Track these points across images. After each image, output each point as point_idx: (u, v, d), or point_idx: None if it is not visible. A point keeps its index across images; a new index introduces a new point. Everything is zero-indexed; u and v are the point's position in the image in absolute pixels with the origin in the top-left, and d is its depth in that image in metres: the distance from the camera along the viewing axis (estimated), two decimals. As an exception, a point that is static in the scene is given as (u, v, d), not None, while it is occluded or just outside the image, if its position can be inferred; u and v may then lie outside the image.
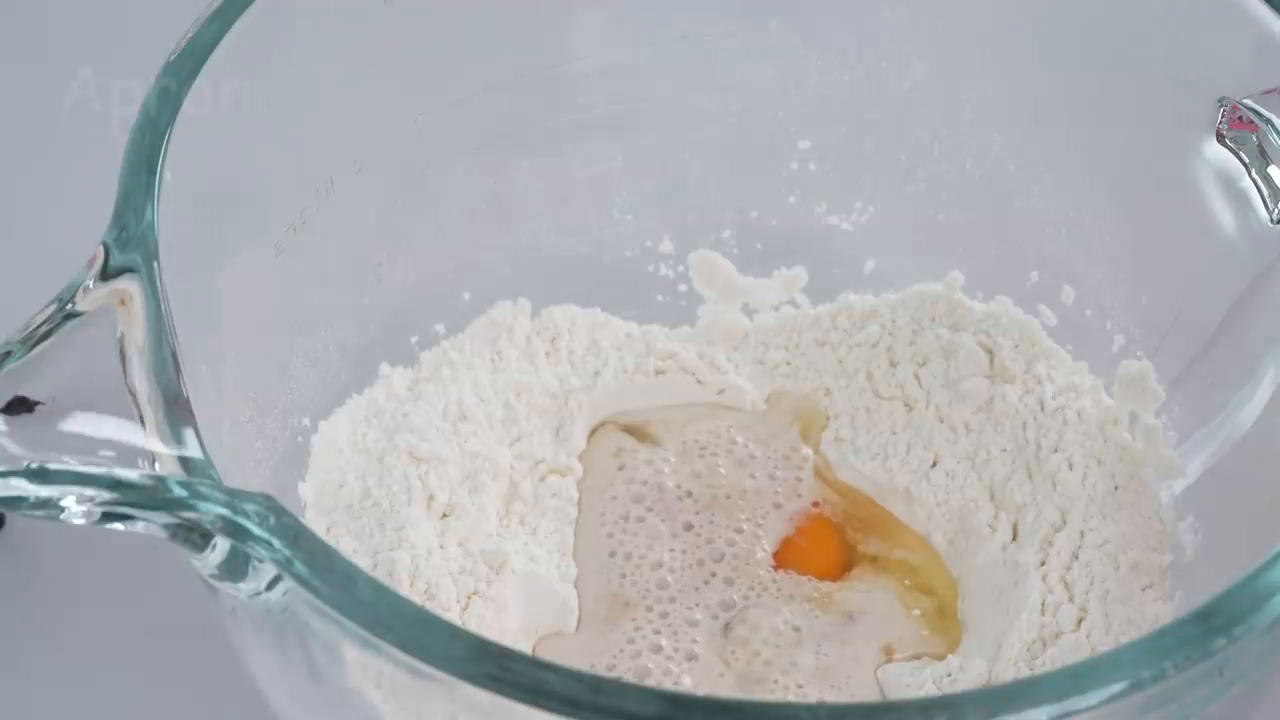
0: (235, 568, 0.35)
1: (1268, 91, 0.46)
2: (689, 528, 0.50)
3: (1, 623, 0.51)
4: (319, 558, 0.33)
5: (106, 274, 0.37)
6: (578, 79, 0.53)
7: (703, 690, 0.46)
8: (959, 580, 0.50)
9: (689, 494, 0.51)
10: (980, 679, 0.46)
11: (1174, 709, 0.33)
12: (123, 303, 0.36)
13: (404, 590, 0.46)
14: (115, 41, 0.62)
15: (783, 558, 0.50)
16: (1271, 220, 0.46)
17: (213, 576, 0.35)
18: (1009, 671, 0.46)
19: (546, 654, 0.47)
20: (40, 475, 0.33)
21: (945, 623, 0.49)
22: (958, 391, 0.53)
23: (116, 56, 0.58)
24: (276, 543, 0.33)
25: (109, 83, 0.60)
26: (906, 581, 0.50)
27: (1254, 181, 0.46)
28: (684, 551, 0.50)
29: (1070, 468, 0.50)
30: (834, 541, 0.51)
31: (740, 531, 0.50)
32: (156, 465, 0.35)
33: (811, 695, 0.46)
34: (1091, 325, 0.53)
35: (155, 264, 0.37)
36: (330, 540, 0.47)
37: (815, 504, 0.51)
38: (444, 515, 0.49)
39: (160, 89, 0.40)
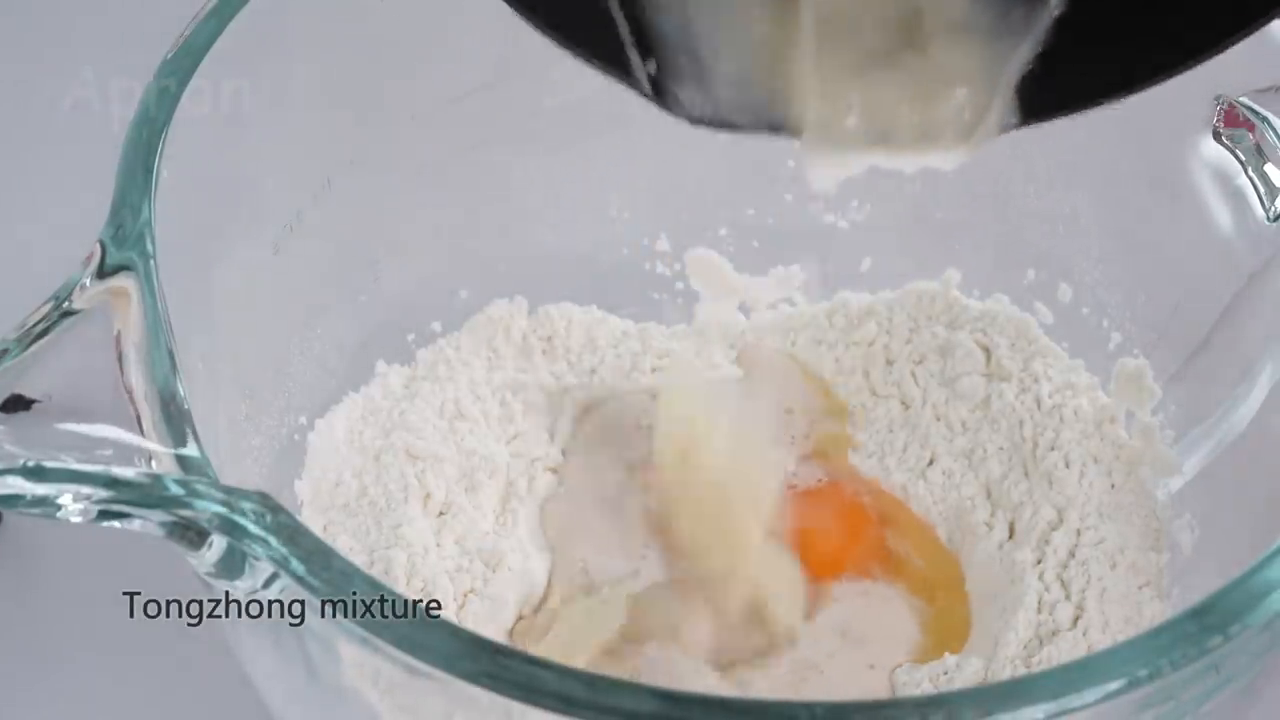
0: (232, 566, 0.35)
1: (1264, 89, 0.46)
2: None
3: (-1, 621, 0.51)
4: (315, 556, 0.33)
5: (103, 272, 0.37)
6: (575, 76, 0.53)
7: (698, 687, 0.46)
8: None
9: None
10: (977, 677, 0.46)
11: (1171, 706, 0.33)
12: (119, 300, 0.36)
13: (401, 588, 0.46)
14: (115, 41, 0.62)
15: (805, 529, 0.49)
16: (1268, 218, 0.46)
17: (209, 574, 0.35)
18: (1006, 670, 0.46)
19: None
20: (37, 473, 0.33)
21: (943, 620, 0.49)
22: (954, 390, 0.53)
23: (116, 56, 0.58)
24: (273, 541, 0.33)
25: (109, 83, 0.60)
26: (907, 578, 0.50)
27: (1250, 179, 0.46)
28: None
29: (1067, 466, 0.50)
30: (859, 529, 0.50)
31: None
32: (153, 463, 0.35)
33: (808, 692, 0.46)
34: (1088, 323, 0.53)
35: (152, 262, 0.37)
36: (327, 538, 0.47)
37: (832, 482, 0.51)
38: (440, 513, 0.49)
39: (158, 87, 0.41)
